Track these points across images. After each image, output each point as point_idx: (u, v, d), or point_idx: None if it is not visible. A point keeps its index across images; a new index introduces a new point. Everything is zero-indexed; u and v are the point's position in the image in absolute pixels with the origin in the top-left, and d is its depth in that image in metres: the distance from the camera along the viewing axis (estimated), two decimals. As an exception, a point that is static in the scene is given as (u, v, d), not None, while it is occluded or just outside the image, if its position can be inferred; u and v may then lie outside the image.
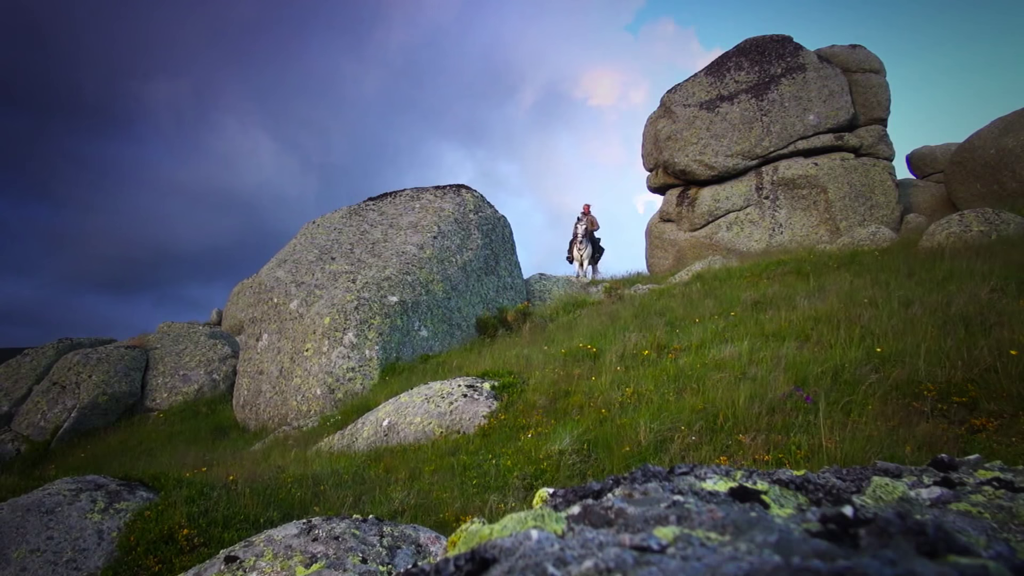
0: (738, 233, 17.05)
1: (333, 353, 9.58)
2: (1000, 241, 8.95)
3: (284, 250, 12.18)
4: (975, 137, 15.50)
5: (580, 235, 18.24)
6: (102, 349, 14.02)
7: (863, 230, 13.03)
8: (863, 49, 18.13)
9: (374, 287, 10.25)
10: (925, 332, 5.57)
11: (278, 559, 2.43)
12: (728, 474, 0.87)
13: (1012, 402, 4.31)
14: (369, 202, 13.35)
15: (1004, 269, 7.12)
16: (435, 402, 6.49)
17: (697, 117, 17.83)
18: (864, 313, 6.56)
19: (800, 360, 5.62)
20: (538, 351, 8.14)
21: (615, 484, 0.82)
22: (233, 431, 10.46)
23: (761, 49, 18.33)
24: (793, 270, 10.14)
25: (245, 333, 11.70)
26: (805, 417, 4.55)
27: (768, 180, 17.11)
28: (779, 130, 17.11)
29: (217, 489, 4.51)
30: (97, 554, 3.74)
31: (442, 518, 4.16)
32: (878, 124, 17.42)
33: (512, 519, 0.69)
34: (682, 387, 5.74)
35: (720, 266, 12.39)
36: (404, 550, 2.52)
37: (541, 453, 4.96)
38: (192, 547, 3.78)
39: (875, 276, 8.24)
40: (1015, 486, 0.91)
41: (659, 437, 4.76)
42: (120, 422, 12.66)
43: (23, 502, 4.00)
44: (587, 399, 5.99)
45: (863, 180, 16.57)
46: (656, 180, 19.17)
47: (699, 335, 7.30)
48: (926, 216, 15.93)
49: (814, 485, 0.83)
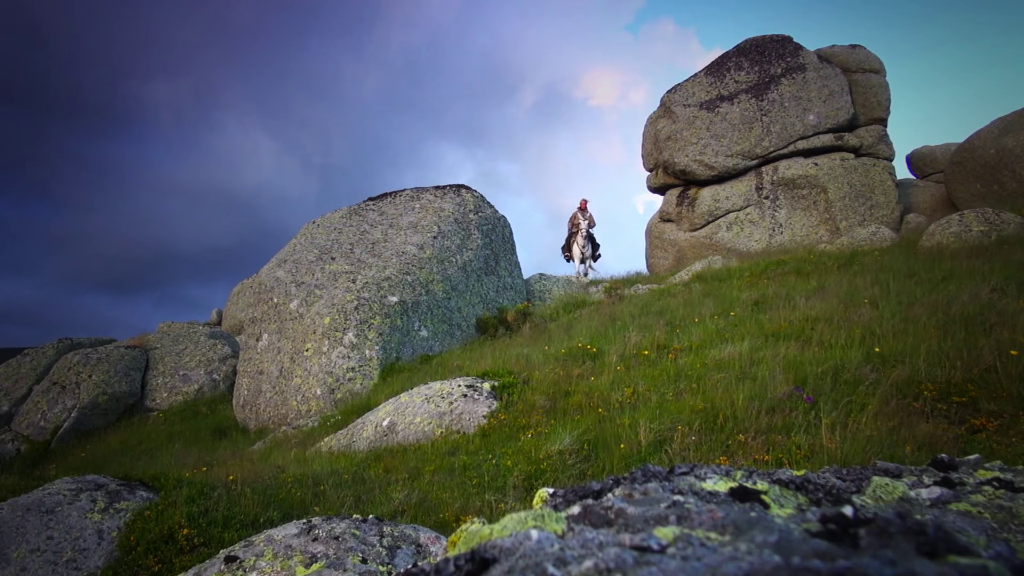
0: (738, 233, 17.05)
1: (333, 353, 9.58)
2: (1000, 241, 8.95)
3: (284, 250, 12.18)
4: (975, 137, 15.50)
5: (584, 230, 17.60)
6: (102, 349, 14.03)
7: (863, 230, 13.03)
8: (863, 49, 18.14)
9: (374, 287, 10.25)
10: (925, 332, 5.57)
11: (278, 559, 2.43)
12: (728, 474, 0.87)
13: (1012, 402, 4.31)
14: (369, 202, 13.36)
15: (1004, 269, 7.12)
16: (435, 402, 6.49)
17: (697, 117, 17.83)
18: (864, 313, 6.56)
19: (800, 360, 5.62)
20: (538, 351, 8.15)
21: (615, 484, 0.82)
22: (233, 431, 10.46)
23: (761, 49, 18.34)
24: (793, 270, 10.14)
25: (245, 333, 11.70)
26: (805, 417, 4.54)
27: (768, 180, 17.12)
28: (779, 130, 17.11)
29: (217, 489, 4.51)
30: (97, 554, 3.74)
31: (442, 518, 4.16)
32: (878, 124, 17.42)
33: (512, 519, 0.69)
34: (682, 387, 5.74)
35: (720, 266, 12.39)
36: (404, 550, 2.52)
37: (541, 453, 4.96)
38: (192, 547, 3.78)
39: (875, 276, 8.24)
40: (1015, 486, 0.91)
41: (659, 437, 4.76)
42: (120, 422, 12.67)
43: (23, 502, 4.00)
44: (587, 399, 5.99)
45: (863, 180, 16.57)
46: (656, 180, 19.17)
47: (699, 335, 7.30)
48: (926, 216, 15.94)
49: (814, 485, 0.83)
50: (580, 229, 17.72)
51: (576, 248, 17.91)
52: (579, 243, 17.80)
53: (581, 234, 17.73)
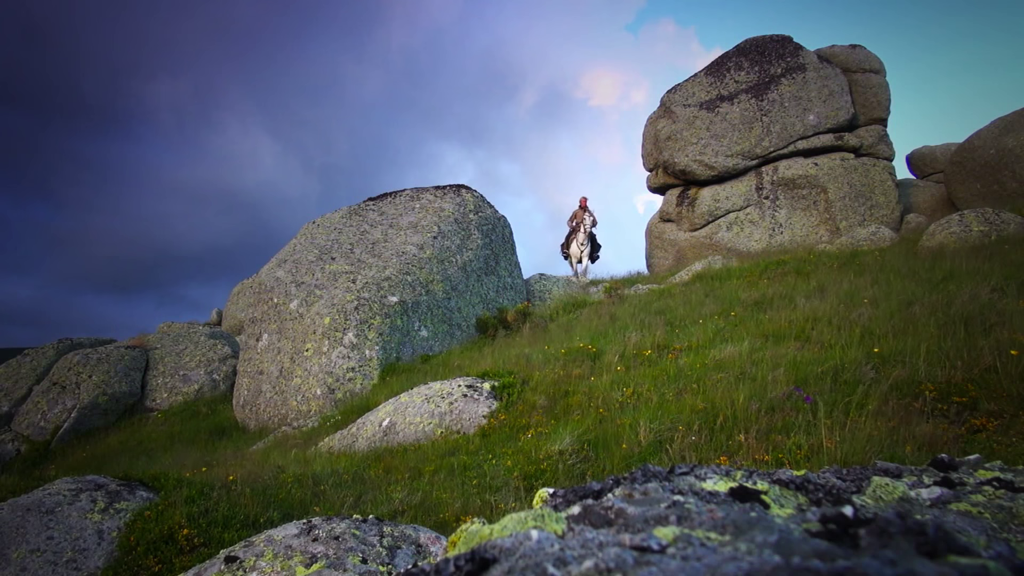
0: (738, 233, 17.05)
1: (333, 353, 9.58)
2: (1000, 241, 8.95)
3: (284, 250, 12.18)
4: (975, 137, 15.50)
5: (587, 228, 17.23)
6: (102, 349, 14.03)
7: (863, 230, 13.03)
8: (863, 49, 18.13)
9: (374, 287, 10.25)
10: (925, 332, 5.57)
11: (278, 559, 2.42)
12: (728, 474, 0.87)
13: (1012, 402, 4.31)
14: (369, 202, 13.36)
15: (1004, 269, 7.12)
16: (435, 402, 6.49)
17: (697, 117, 17.83)
18: (864, 313, 6.56)
19: (800, 360, 5.62)
20: (538, 351, 8.14)
21: (615, 484, 0.82)
22: (233, 431, 10.46)
23: (761, 49, 18.34)
24: (793, 270, 10.14)
25: (245, 333, 11.70)
26: (805, 417, 4.54)
27: (768, 180, 17.11)
28: (779, 130, 17.11)
29: (217, 489, 4.51)
30: (97, 554, 3.74)
31: (442, 518, 4.16)
32: (878, 124, 17.42)
33: (512, 519, 0.69)
34: (682, 387, 5.74)
35: (720, 266, 12.39)
36: (404, 550, 2.52)
37: (541, 453, 4.96)
38: (192, 547, 3.78)
39: (875, 276, 8.24)
40: (1015, 486, 0.91)
41: (659, 437, 4.76)
42: (120, 422, 12.66)
43: (23, 502, 4.00)
44: (587, 399, 5.98)
45: (863, 180, 16.57)
46: (656, 180, 19.17)
47: (699, 335, 7.30)
48: (926, 216, 15.94)
49: (814, 485, 0.83)
50: (583, 227, 17.40)
51: (575, 246, 17.62)
52: (579, 241, 17.50)
53: (583, 232, 17.42)
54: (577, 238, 17.58)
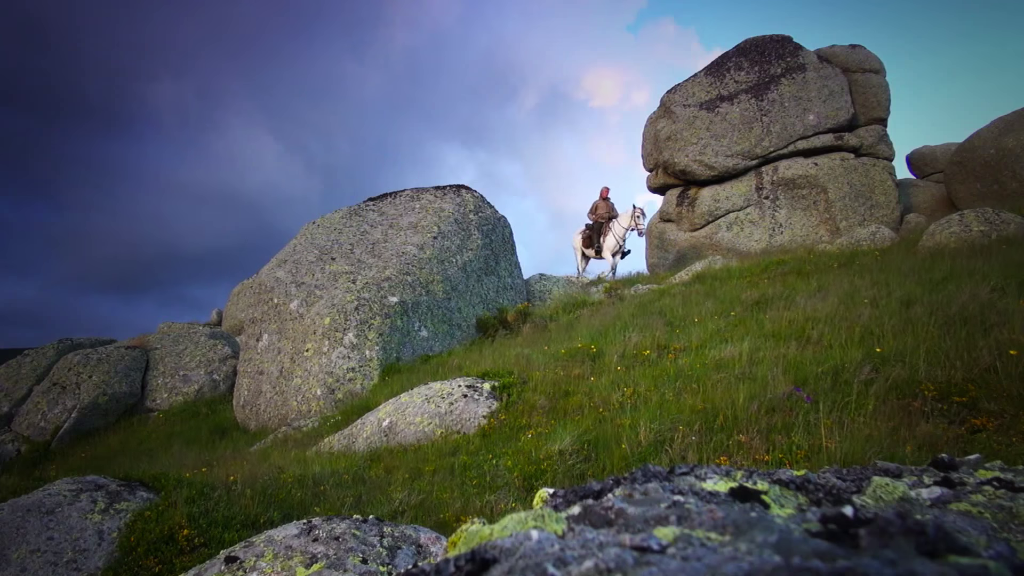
0: (738, 233, 17.05)
1: (333, 353, 9.58)
2: (1000, 241, 8.95)
3: (284, 250, 12.18)
4: (975, 137, 15.50)
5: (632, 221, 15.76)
6: (102, 349, 14.03)
7: (863, 230, 13.03)
8: (863, 49, 18.13)
9: (374, 287, 10.25)
10: (925, 332, 5.57)
11: (278, 559, 2.42)
12: (728, 474, 0.87)
13: (1012, 402, 4.31)
14: (369, 202, 13.35)
15: (1004, 269, 7.12)
16: (435, 402, 6.49)
17: (697, 117, 17.83)
18: (864, 313, 6.56)
19: (800, 360, 5.62)
20: (538, 351, 8.14)
21: (615, 484, 0.82)
22: (233, 431, 10.46)
23: (761, 49, 18.33)
24: (793, 270, 10.14)
25: (245, 333, 11.70)
26: (805, 417, 4.54)
27: (768, 180, 17.11)
28: (779, 130, 17.10)
29: (217, 489, 4.51)
30: (97, 554, 3.74)
31: (442, 518, 4.16)
32: (878, 124, 17.41)
33: (512, 519, 0.69)
34: (682, 387, 5.73)
35: (720, 266, 12.38)
36: (404, 550, 2.52)
37: (541, 453, 4.96)
38: (192, 547, 3.78)
39: (875, 276, 8.24)
40: (1015, 486, 0.91)
41: (659, 437, 4.76)
42: (120, 422, 12.67)
43: (23, 502, 4.00)
44: (587, 399, 5.98)
45: (863, 180, 16.57)
46: (656, 180, 19.17)
47: (699, 335, 7.30)
48: (926, 216, 15.93)
49: (814, 485, 0.83)
50: (617, 221, 16.25)
51: (611, 238, 16.32)
52: (617, 234, 16.15)
53: (619, 223, 16.14)
54: (614, 231, 16.33)
